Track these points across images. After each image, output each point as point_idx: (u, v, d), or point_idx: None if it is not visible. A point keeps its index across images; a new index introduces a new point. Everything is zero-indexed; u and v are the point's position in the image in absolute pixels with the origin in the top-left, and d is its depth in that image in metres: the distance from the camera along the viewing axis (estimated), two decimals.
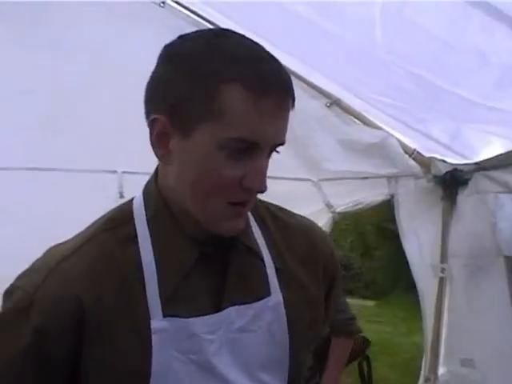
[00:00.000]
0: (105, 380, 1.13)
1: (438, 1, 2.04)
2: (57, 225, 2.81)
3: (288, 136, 3.29)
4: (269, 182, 1.14)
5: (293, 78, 3.20)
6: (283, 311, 1.21)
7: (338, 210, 3.19)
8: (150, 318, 1.11)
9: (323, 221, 3.15)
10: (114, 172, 3.21)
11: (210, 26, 3.10)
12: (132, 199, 1.23)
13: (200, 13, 3.19)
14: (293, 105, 1.11)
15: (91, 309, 1.11)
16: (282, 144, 1.12)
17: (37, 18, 3.08)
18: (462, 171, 3.06)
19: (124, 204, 1.23)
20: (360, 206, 3.23)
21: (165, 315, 1.12)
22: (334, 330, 3.15)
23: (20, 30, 3.08)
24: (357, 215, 3.44)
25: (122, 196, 3.16)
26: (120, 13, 3.21)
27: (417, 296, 3.25)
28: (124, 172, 3.22)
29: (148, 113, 1.14)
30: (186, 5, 3.25)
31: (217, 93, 1.04)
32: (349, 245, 12.96)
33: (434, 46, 2.21)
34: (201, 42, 1.10)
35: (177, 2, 3.30)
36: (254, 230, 1.25)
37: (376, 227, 12.49)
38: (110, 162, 3.20)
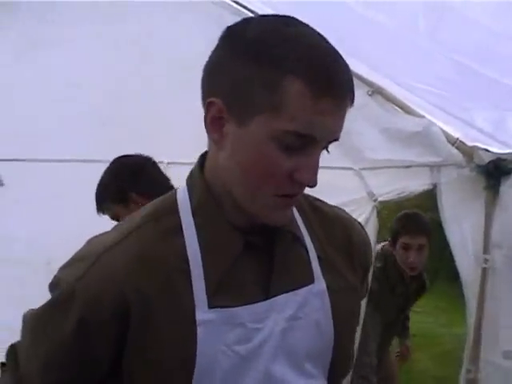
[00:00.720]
0: (149, 372, 1.12)
1: None
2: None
3: None
4: None
5: None
6: (327, 299, 1.21)
7: (380, 198, 3.18)
8: (195, 310, 1.10)
9: (366, 210, 3.16)
10: (161, 163, 3.26)
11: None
12: (176, 189, 1.22)
13: (248, 6, 3.21)
14: (352, 102, 1.09)
15: (134, 302, 1.10)
16: (337, 140, 1.10)
17: (86, 14, 3.14)
18: (505, 160, 3.01)
19: (168, 194, 1.22)
20: (402, 195, 3.21)
21: (210, 306, 1.11)
22: None
23: (71, 25, 3.14)
24: (398, 204, 3.42)
25: None
26: (164, 5, 3.26)
27: (458, 287, 3.21)
28: (169, 163, 3.26)
29: (204, 94, 1.11)
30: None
31: (279, 84, 1.02)
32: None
33: (478, 35, 2.19)
34: (268, 28, 1.06)
35: None
36: (297, 219, 1.24)
37: None
38: (156, 153, 3.24)
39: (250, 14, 3.07)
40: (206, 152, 1.20)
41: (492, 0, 2.00)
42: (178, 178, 3.16)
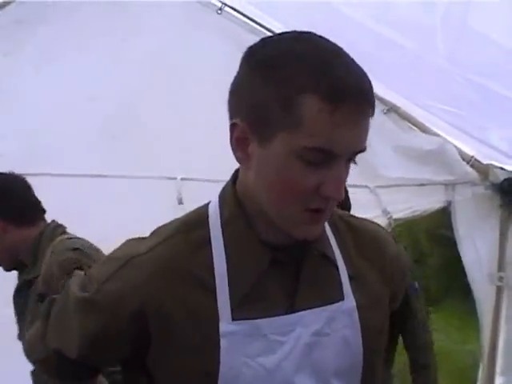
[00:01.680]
0: (172, 380, 1.15)
1: (501, 8, 2.03)
2: (117, 229, 2.89)
3: None
4: None
5: None
6: (357, 316, 1.20)
7: (395, 216, 3.18)
8: (219, 322, 1.12)
9: None
10: (174, 179, 3.27)
11: (268, 33, 3.14)
12: (208, 203, 1.23)
13: (257, 20, 3.22)
14: (373, 112, 1.07)
15: (154, 311, 1.12)
16: (363, 151, 1.09)
17: (101, 28, 3.17)
18: None
19: (200, 207, 1.23)
20: (417, 213, 3.22)
21: (234, 319, 1.12)
22: None
23: (85, 39, 3.17)
24: (411, 221, 3.43)
25: (180, 202, 3.21)
26: (179, 20, 3.28)
27: (470, 304, 3.21)
28: (183, 179, 3.27)
29: (230, 115, 1.13)
30: (244, 12, 3.29)
31: (293, 101, 1.03)
32: None
33: (496, 55, 2.20)
34: (281, 47, 1.08)
35: (234, 9, 3.35)
36: (329, 237, 1.24)
37: (430, 234, 12.28)
38: (169, 169, 3.26)
39: (267, 33, 3.09)
40: (238, 168, 1.21)
41: (511, 20, 1.99)
42: (191, 193, 3.19)
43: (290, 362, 1.14)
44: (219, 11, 3.27)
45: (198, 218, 1.20)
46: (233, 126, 1.11)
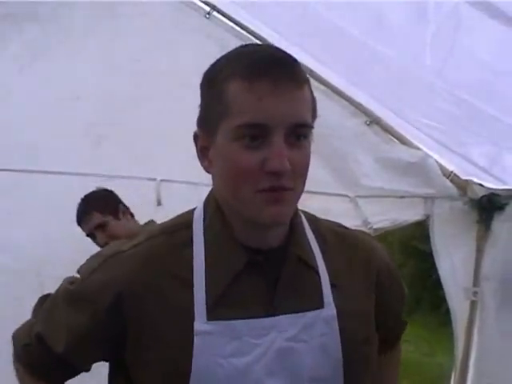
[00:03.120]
0: (147, 373, 1.17)
1: (490, 28, 2.05)
2: None
3: (326, 151, 3.31)
4: (305, 197, 1.17)
5: (333, 94, 3.20)
6: (336, 325, 1.22)
7: (375, 226, 3.21)
8: (194, 321, 1.14)
9: None
10: (153, 180, 3.26)
11: (254, 39, 3.15)
12: (195, 208, 1.28)
13: (246, 25, 3.22)
14: (299, 85, 1.13)
15: (131, 305, 1.16)
16: (304, 126, 1.14)
17: (88, 28, 3.15)
18: (499, 196, 3.07)
19: (187, 211, 1.28)
20: (396, 224, 3.25)
21: (209, 318, 1.15)
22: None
23: (72, 37, 3.15)
24: (385, 232, 3.46)
25: (159, 203, 3.21)
26: (166, 24, 3.28)
27: (441, 317, 3.25)
28: (162, 180, 3.27)
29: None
30: (232, 16, 3.29)
31: (222, 92, 1.11)
32: None
33: (483, 73, 2.23)
34: (221, 58, 1.18)
35: (222, 14, 3.34)
36: (312, 245, 1.27)
37: (403, 245, 12.37)
38: (149, 170, 3.26)
39: (253, 38, 3.10)
40: None
41: (502, 41, 2.02)
42: (170, 194, 3.19)
43: (263, 365, 1.16)
44: (207, 15, 3.26)
45: (183, 221, 1.25)
46: (195, 138, 1.20)
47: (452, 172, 3.15)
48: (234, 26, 3.29)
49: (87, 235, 2.81)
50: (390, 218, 3.23)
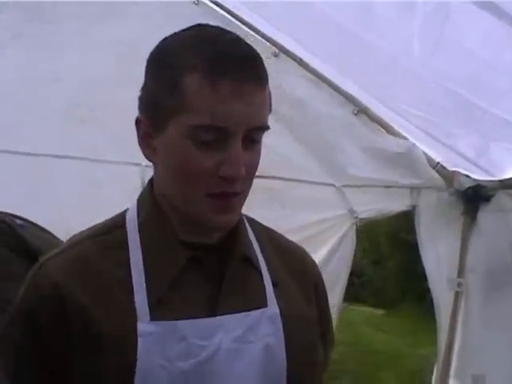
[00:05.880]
0: (88, 380, 1.10)
1: (479, 20, 2.04)
2: (79, 213, 2.85)
3: (313, 140, 3.29)
4: (292, 185, 1.14)
5: (322, 83, 3.19)
6: (280, 324, 1.18)
7: (361, 216, 3.20)
8: (136, 322, 1.09)
9: (345, 226, 3.17)
10: (138, 164, 3.23)
11: (243, 27, 3.12)
12: (128, 208, 1.23)
13: (235, 12, 3.19)
14: (262, 86, 1.07)
15: (70, 309, 1.09)
16: (262, 129, 1.09)
17: (73, 9, 3.11)
18: (485, 187, 3.06)
19: (121, 212, 1.23)
20: (381, 214, 3.24)
21: (152, 319, 1.09)
22: None
23: (52, 23, 3.11)
24: (371, 223, 3.45)
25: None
26: (154, 9, 3.24)
27: (425, 308, 3.26)
28: (147, 165, 3.23)
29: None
30: (221, 3, 3.25)
31: (178, 84, 1.05)
32: (361, 252, 12.88)
33: (472, 65, 2.22)
34: (169, 39, 1.12)
35: (211, 1, 3.30)
36: (253, 244, 1.24)
37: (390, 237, 12.42)
38: (133, 155, 3.22)
39: (243, 26, 3.06)
40: None
41: (490, 33, 2.01)
42: None
43: (211, 368, 1.11)
44: (196, 1, 3.22)
45: (115, 222, 1.20)
46: (137, 124, 1.14)
47: (439, 163, 3.14)
48: (224, 12, 3.26)
49: None
50: (375, 207, 3.22)
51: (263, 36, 3.09)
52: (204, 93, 1.03)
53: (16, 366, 1.15)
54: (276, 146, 3.15)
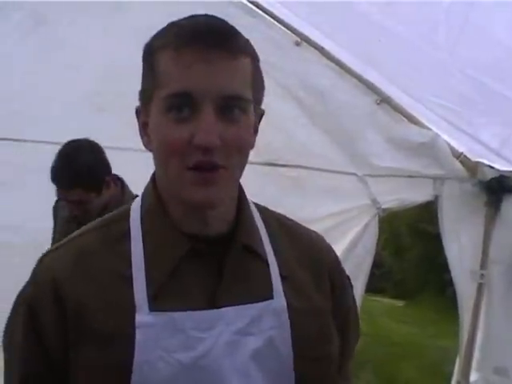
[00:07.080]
0: (87, 373, 1.09)
1: (505, 6, 2.00)
2: None
3: (336, 129, 3.26)
4: (314, 174, 1.11)
5: (344, 73, 3.16)
6: (286, 317, 1.14)
7: (384, 206, 3.18)
8: (135, 313, 1.08)
9: (368, 216, 3.15)
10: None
11: (266, 16, 3.10)
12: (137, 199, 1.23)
13: (257, 1, 3.17)
14: (232, 52, 1.06)
15: (70, 302, 1.09)
16: (237, 99, 1.07)
17: (89, 2, 3.12)
18: (508, 178, 3.03)
19: (128, 204, 1.22)
20: (404, 204, 3.22)
21: (152, 309, 1.08)
22: None
23: (72, 12, 3.12)
24: (392, 214, 3.42)
25: None
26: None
27: (447, 299, 3.23)
28: None
29: None
30: None
31: (154, 62, 1.08)
32: (382, 243, 12.77)
33: (497, 53, 2.18)
34: (159, 30, 1.13)
35: None
36: (262, 234, 1.21)
37: (411, 227, 12.34)
38: None
39: (265, 16, 3.05)
40: None
41: None
42: None
43: (210, 360, 1.09)
44: None
45: (120, 214, 1.20)
46: (137, 113, 1.15)
47: (462, 153, 3.11)
48: (244, 0, 3.24)
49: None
50: (398, 198, 3.20)
51: (285, 25, 3.07)
52: (172, 64, 1.05)
53: (19, 364, 1.14)
54: (298, 135, 3.14)
